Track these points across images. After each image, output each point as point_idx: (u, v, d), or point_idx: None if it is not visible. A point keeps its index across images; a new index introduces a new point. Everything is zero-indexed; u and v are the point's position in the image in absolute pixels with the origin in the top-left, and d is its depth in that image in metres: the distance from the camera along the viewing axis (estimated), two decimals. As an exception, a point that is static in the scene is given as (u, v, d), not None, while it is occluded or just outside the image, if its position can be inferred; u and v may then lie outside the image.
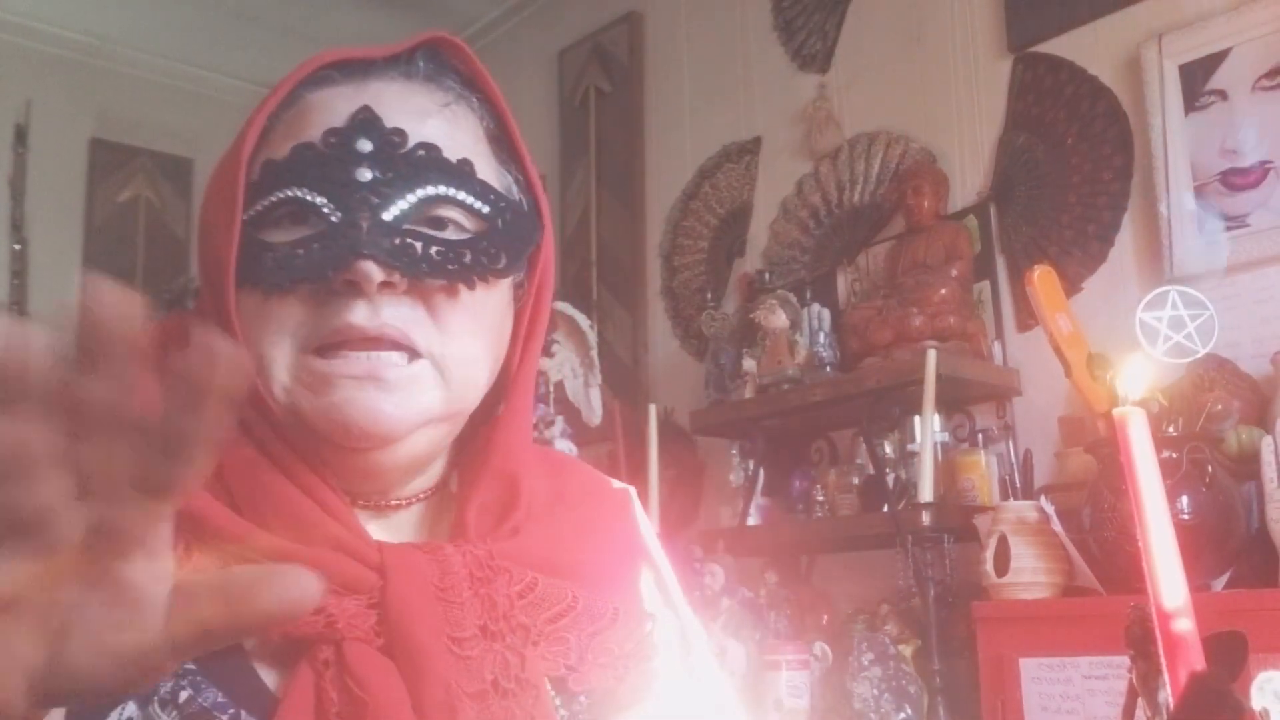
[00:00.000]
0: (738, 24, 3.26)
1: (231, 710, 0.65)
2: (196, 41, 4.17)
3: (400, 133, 0.72)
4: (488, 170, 0.77)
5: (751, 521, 2.68)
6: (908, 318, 2.40)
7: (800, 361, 2.59)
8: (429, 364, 0.72)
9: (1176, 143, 2.27)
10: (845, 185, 2.88)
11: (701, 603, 2.46)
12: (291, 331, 0.71)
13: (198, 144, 4.32)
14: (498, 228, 0.75)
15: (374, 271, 0.69)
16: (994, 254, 2.57)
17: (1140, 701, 0.61)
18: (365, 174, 0.71)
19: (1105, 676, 1.86)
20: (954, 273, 2.47)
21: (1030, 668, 1.96)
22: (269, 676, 0.67)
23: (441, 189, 0.72)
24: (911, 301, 2.42)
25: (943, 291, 2.42)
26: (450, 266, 0.71)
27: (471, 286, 0.73)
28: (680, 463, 3.04)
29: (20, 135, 3.92)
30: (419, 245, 0.71)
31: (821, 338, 2.62)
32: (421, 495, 0.79)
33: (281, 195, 0.71)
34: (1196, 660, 0.57)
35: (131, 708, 0.63)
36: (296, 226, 0.71)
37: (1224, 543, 1.85)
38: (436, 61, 0.79)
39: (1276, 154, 2.17)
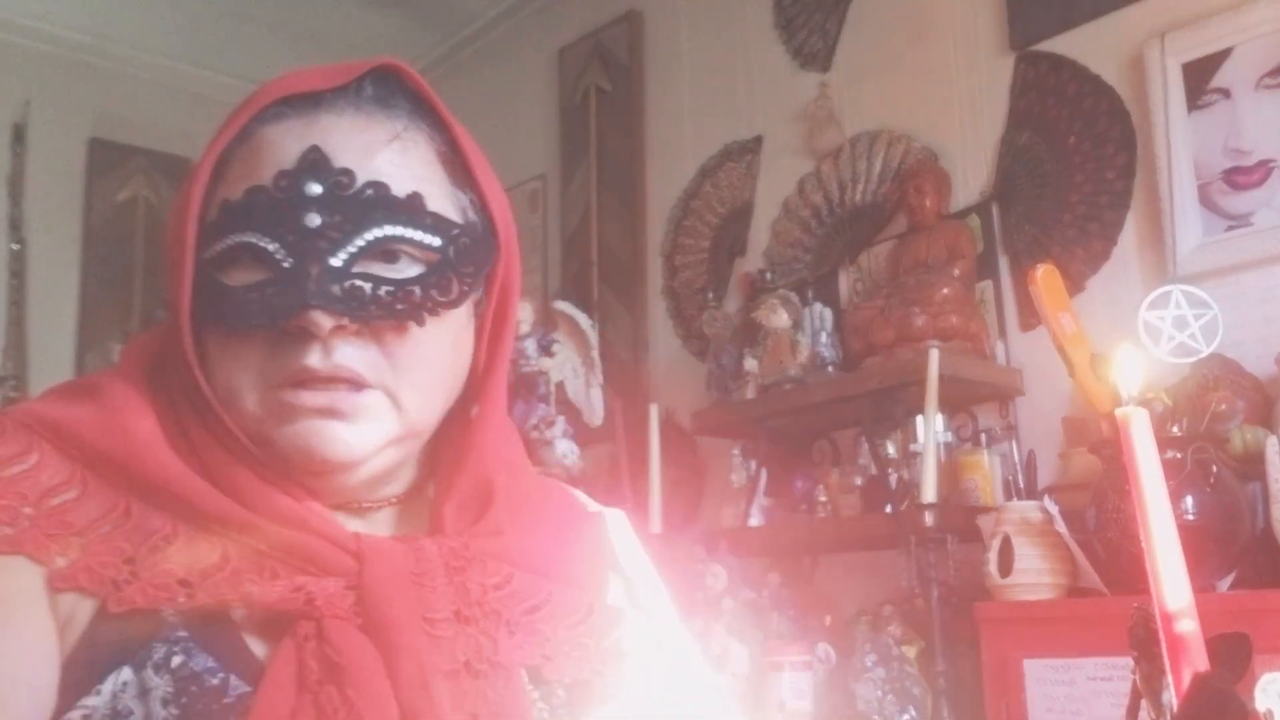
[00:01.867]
0: (738, 22, 3.26)
1: (221, 675, 0.69)
2: (195, 41, 4.18)
3: (348, 173, 0.74)
4: (441, 196, 0.79)
5: (754, 522, 2.68)
6: (910, 317, 2.40)
7: (802, 361, 2.59)
8: (381, 394, 0.75)
9: (1179, 141, 2.27)
10: (847, 184, 2.87)
11: (704, 603, 2.46)
12: (257, 369, 0.74)
13: (196, 144, 4.24)
14: (449, 257, 0.77)
15: (323, 320, 0.72)
16: (996, 253, 2.56)
17: (1144, 703, 0.61)
18: (314, 219, 0.73)
19: (1110, 678, 1.85)
20: (956, 272, 2.47)
21: (1034, 669, 1.95)
22: (256, 646, 0.71)
23: (389, 229, 0.74)
24: (914, 301, 2.42)
25: (945, 291, 2.41)
26: (399, 306, 0.74)
27: (421, 323, 0.76)
28: (682, 463, 3.04)
29: (19, 134, 3.93)
30: (368, 288, 0.73)
31: (823, 337, 2.62)
32: (394, 499, 0.83)
33: (237, 240, 0.74)
34: (1200, 661, 0.57)
35: (126, 672, 0.67)
36: (253, 268, 0.74)
37: (1228, 543, 1.85)
38: (386, 86, 0.80)
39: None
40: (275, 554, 0.72)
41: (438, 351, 0.78)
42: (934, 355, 2.23)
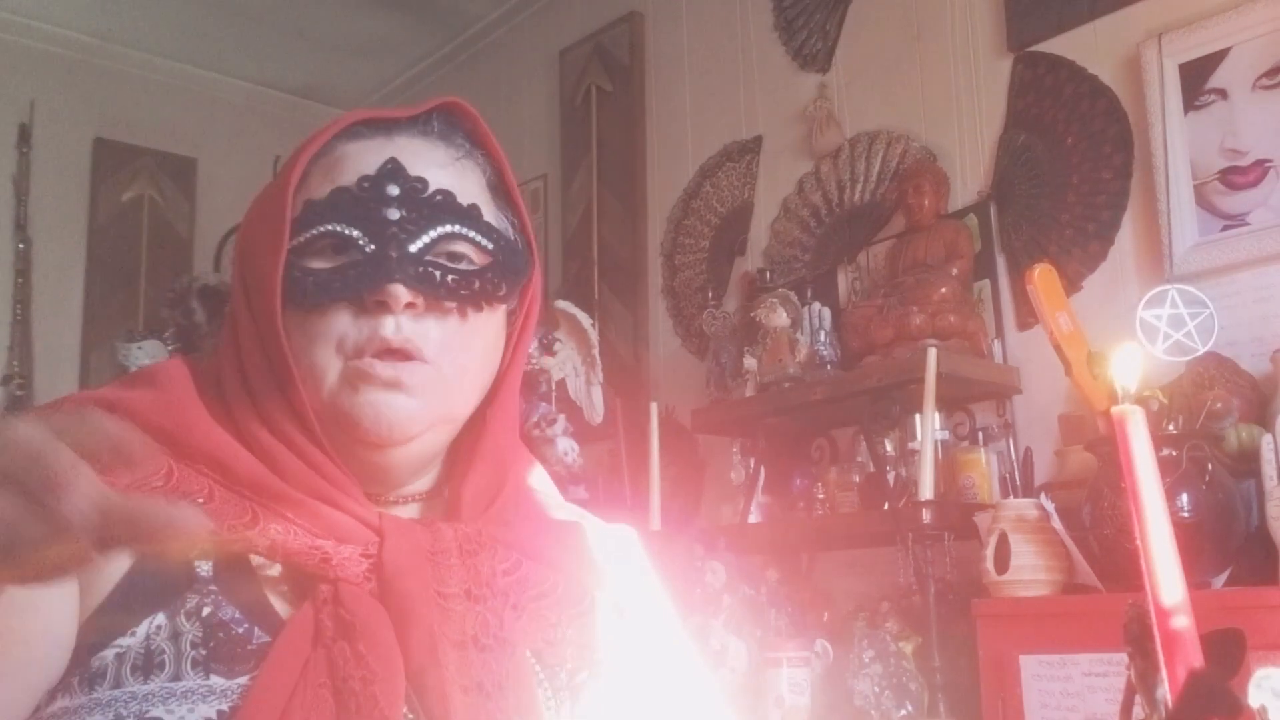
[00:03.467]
0: (738, 23, 3.26)
1: (246, 625, 0.76)
2: (200, 41, 4.18)
3: (422, 180, 0.86)
4: (490, 214, 0.90)
5: (753, 519, 2.68)
6: (908, 316, 2.40)
7: (801, 360, 2.59)
8: (435, 372, 0.84)
9: (1176, 141, 2.28)
10: (846, 184, 2.88)
11: (703, 600, 2.47)
12: (334, 343, 0.83)
13: (201, 143, 4.32)
14: (500, 262, 0.88)
15: (402, 293, 0.82)
16: (994, 252, 2.57)
17: (1138, 698, 0.61)
18: (394, 213, 0.84)
19: (1105, 674, 1.86)
20: (954, 271, 2.48)
21: (1030, 665, 1.96)
22: (278, 604, 0.78)
23: (457, 227, 0.86)
24: (912, 300, 2.43)
25: (943, 290, 2.42)
26: (463, 292, 0.85)
27: (479, 309, 0.87)
28: (681, 460, 3.04)
29: (24, 135, 3.93)
30: (438, 273, 0.84)
31: (822, 336, 2.63)
32: (419, 495, 0.91)
33: (323, 230, 0.84)
34: (1195, 657, 0.57)
35: (160, 618, 0.75)
36: (335, 256, 0.83)
37: (1223, 540, 1.86)
38: (448, 122, 0.92)
39: (1276, 153, 2.17)
40: (301, 521, 0.79)
41: (483, 343, 0.89)
42: (932, 354, 2.24)
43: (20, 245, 3.88)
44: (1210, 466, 1.85)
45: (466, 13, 4.04)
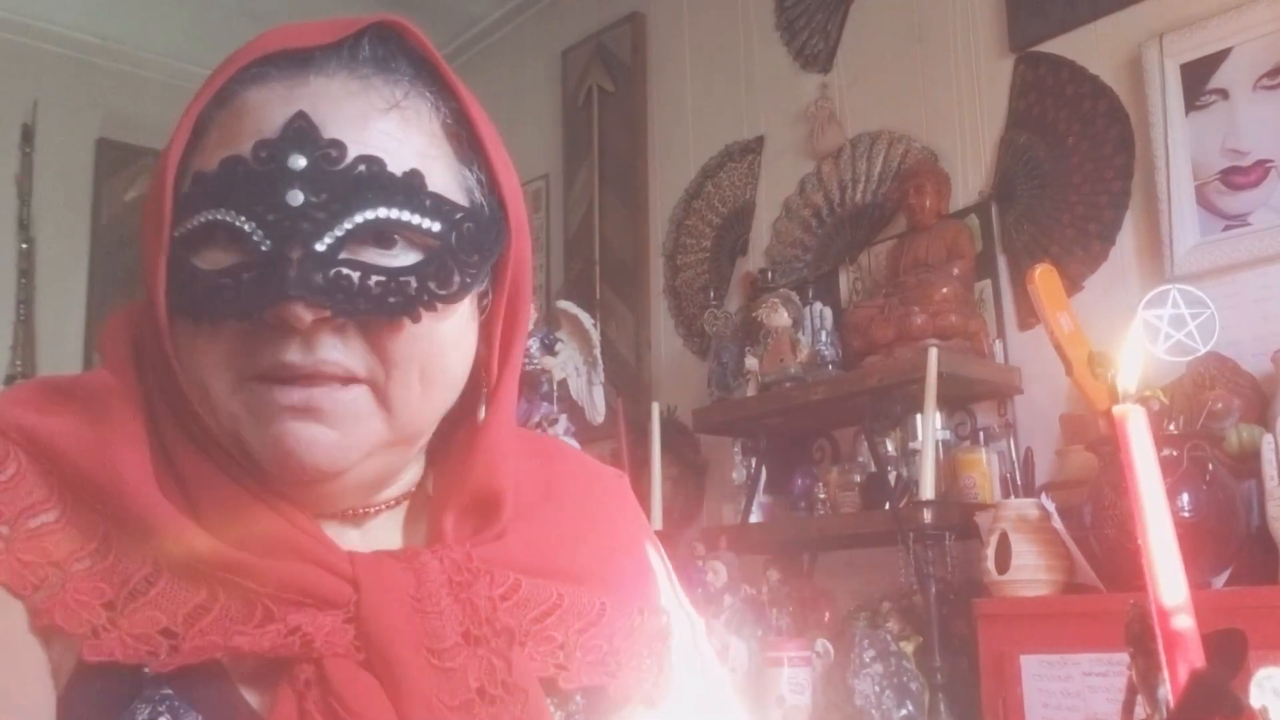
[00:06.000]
0: (740, 23, 3.27)
1: None
2: (203, 41, 4.17)
3: (338, 145, 0.65)
4: (444, 174, 0.70)
5: (754, 519, 2.69)
6: (909, 316, 2.41)
7: (802, 360, 2.60)
8: (368, 390, 0.67)
9: (1177, 142, 2.28)
10: (847, 184, 2.88)
11: (704, 600, 2.47)
12: (228, 363, 0.66)
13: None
14: (451, 244, 0.68)
15: (303, 313, 0.63)
16: (995, 253, 2.57)
17: (1140, 698, 0.61)
18: (297, 197, 0.64)
19: (1106, 673, 1.86)
20: (956, 271, 2.48)
21: (1031, 664, 1.96)
22: (253, 698, 0.64)
23: (382, 212, 0.65)
24: (913, 300, 2.43)
25: (944, 290, 2.43)
26: (391, 299, 0.65)
27: (417, 319, 0.66)
28: (683, 460, 3.05)
29: (27, 135, 3.93)
30: (356, 277, 0.64)
31: (824, 336, 2.63)
32: (393, 502, 0.76)
33: (210, 217, 0.65)
34: (1196, 657, 0.57)
35: None
36: (227, 250, 0.65)
37: (1224, 540, 1.86)
38: (386, 47, 0.70)
39: (1277, 153, 2.18)
40: (267, 591, 0.63)
41: (435, 348, 0.69)
42: (933, 354, 2.24)
43: (23, 245, 3.88)
44: (1211, 466, 1.85)
45: (468, 13, 4.05)
